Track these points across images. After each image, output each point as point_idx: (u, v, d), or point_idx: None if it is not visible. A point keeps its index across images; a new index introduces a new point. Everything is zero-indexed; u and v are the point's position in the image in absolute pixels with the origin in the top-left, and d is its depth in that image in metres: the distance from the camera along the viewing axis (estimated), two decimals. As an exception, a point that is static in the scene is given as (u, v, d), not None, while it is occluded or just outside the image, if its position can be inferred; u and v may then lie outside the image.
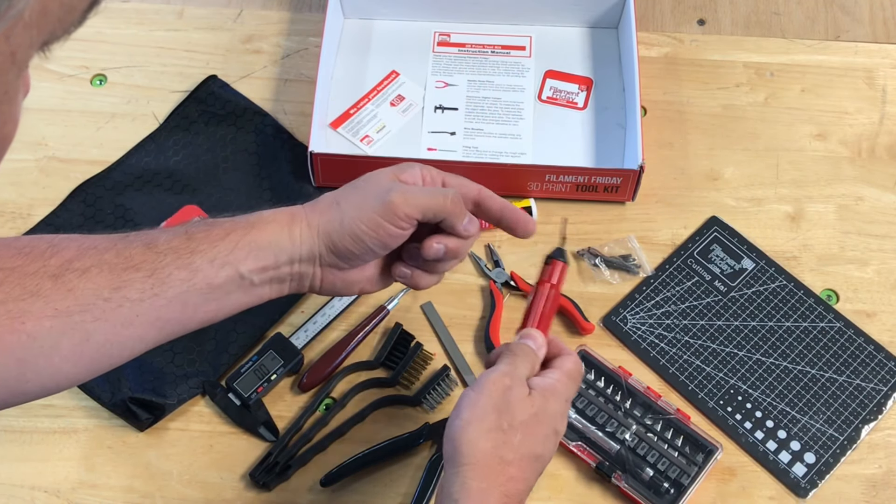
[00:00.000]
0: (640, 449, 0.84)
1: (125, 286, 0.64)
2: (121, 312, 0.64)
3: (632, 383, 0.87)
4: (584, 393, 0.86)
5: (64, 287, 0.62)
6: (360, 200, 0.69)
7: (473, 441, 0.65)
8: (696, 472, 0.83)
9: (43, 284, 0.62)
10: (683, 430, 0.85)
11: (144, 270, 0.65)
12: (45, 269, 0.62)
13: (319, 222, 0.70)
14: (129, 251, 0.65)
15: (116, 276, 0.64)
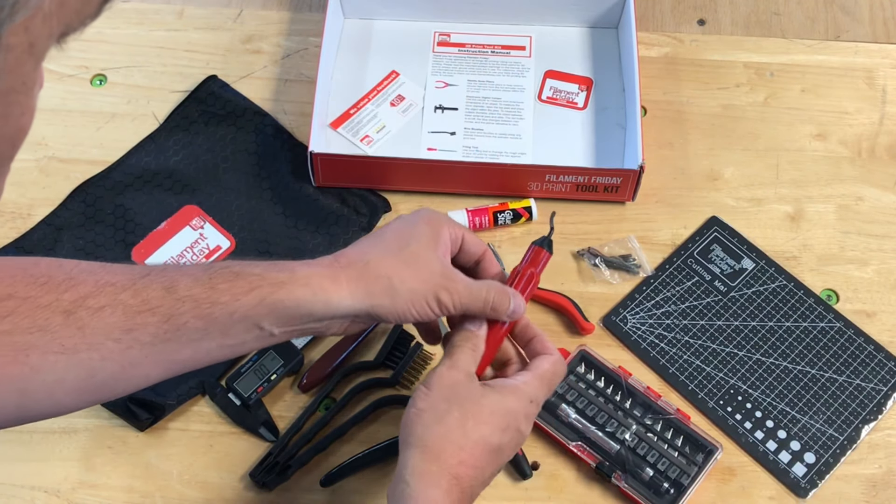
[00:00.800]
0: (640, 449, 0.84)
1: (138, 329, 0.63)
2: (130, 353, 0.63)
3: (632, 383, 0.87)
4: (584, 393, 0.86)
5: (74, 324, 0.61)
6: (414, 285, 0.68)
7: (426, 425, 0.66)
8: (696, 472, 0.83)
9: (53, 319, 0.61)
10: (683, 430, 0.85)
11: (160, 315, 0.63)
12: (58, 304, 0.61)
13: (367, 294, 0.67)
14: (147, 293, 0.63)
15: (130, 318, 0.62)
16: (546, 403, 0.85)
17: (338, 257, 0.68)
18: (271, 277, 0.65)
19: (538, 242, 0.76)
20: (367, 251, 0.69)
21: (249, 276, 0.65)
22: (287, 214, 0.97)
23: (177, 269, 0.66)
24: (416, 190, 0.99)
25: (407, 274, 0.68)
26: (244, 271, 0.65)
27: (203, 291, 0.64)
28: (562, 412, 0.86)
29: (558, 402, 0.86)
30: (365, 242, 0.71)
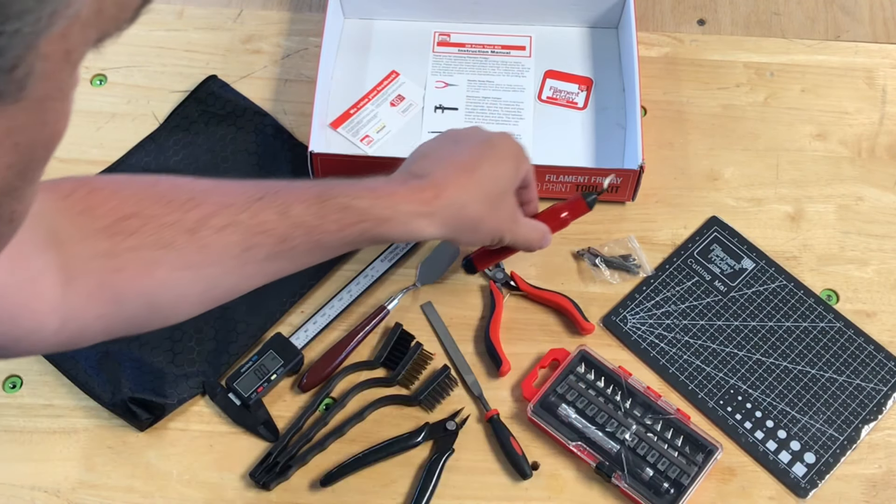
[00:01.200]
0: (640, 449, 0.84)
1: (255, 248, 0.68)
2: (246, 269, 0.69)
3: (632, 383, 0.87)
4: (584, 393, 0.87)
5: (198, 242, 0.66)
6: (492, 226, 0.79)
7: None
8: (696, 472, 0.83)
9: (178, 238, 0.65)
10: (683, 430, 0.85)
11: (275, 237, 0.69)
12: (183, 223, 0.65)
13: (454, 230, 0.77)
14: (264, 215, 0.68)
15: (248, 237, 0.68)
16: (546, 404, 0.85)
17: (439, 190, 0.74)
18: (376, 214, 0.72)
19: (584, 194, 0.86)
20: (466, 189, 0.76)
21: (357, 210, 0.71)
22: (287, 214, 0.97)
23: (287, 191, 0.70)
24: (416, 190, 0.99)
25: (491, 218, 0.78)
26: (352, 205, 0.71)
27: (314, 220, 0.70)
28: (562, 412, 0.86)
29: (558, 402, 0.86)
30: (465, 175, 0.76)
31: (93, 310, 0.65)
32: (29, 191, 0.36)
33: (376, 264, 0.94)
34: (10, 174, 0.33)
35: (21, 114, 0.31)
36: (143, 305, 0.67)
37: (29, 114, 0.32)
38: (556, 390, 0.87)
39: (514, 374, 0.89)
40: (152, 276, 0.65)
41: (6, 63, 0.28)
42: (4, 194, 0.34)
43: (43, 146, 0.34)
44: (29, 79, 0.30)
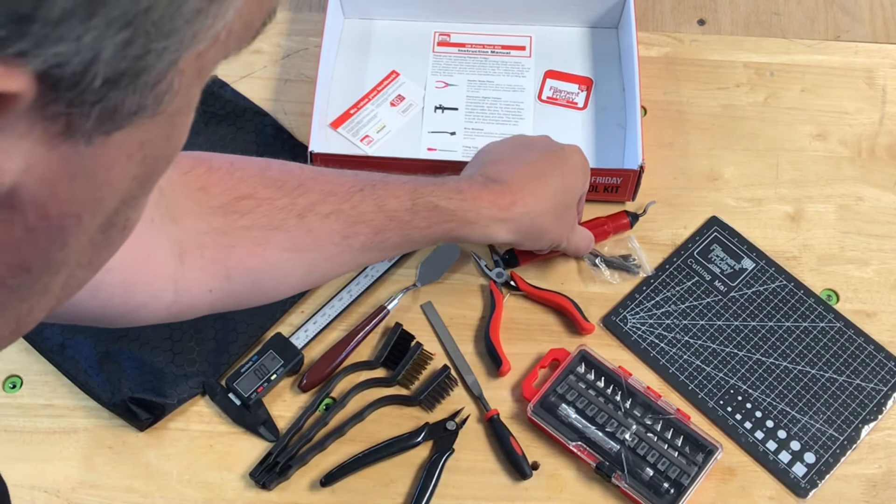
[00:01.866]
0: (640, 449, 0.84)
1: (353, 237, 0.74)
2: (343, 257, 0.75)
3: (632, 383, 0.87)
4: (584, 393, 0.86)
5: (305, 227, 0.71)
6: (555, 235, 0.84)
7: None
8: (696, 472, 0.83)
9: (288, 220, 0.71)
10: (683, 430, 0.85)
11: (372, 228, 0.74)
12: (293, 207, 0.71)
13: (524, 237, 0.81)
14: (363, 206, 0.74)
15: (349, 226, 0.73)
16: (546, 404, 0.85)
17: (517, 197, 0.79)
18: (462, 216, 0.77)
19: (629, 212, 0.95)
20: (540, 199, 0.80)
21: (446, 211, 0.77)
22: (287, 214, 0.97)
23: (384, 186, 0.76)
24: (416, 190, 0.99)
25: (556, 227, 0.83)
26: (441, 205, 0.77)
27: (407, 215, 0.75)
28: (562, 412, 0.86)
29: (558, 402, 0.86)
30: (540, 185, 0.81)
31: (205, 283, 0.69)
32: (144, 200, 0.38)
33: (376, 264, 0.94)
34: (135, 185, 0.34)
35: (154, 127, 0.33)
36: (251, 282, 0.71)
37: (160, 127, 0.33)
38: (556, 390, 0.87)
39: (514, 374, 0.89)
40: (262, 255, 0.70)
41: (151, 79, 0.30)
42: (125, 204, 0.35)
43: (165, 159, 0.36)
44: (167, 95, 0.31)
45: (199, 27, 0.30)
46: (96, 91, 0.28)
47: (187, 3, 0.28)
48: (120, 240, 0.38)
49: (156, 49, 0.29)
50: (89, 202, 0.32)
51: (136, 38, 0.28)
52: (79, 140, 0.30)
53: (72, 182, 0.31)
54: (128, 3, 0.27)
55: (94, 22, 0.27)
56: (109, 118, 0.30)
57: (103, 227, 0.35)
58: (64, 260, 0.34)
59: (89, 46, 0.27)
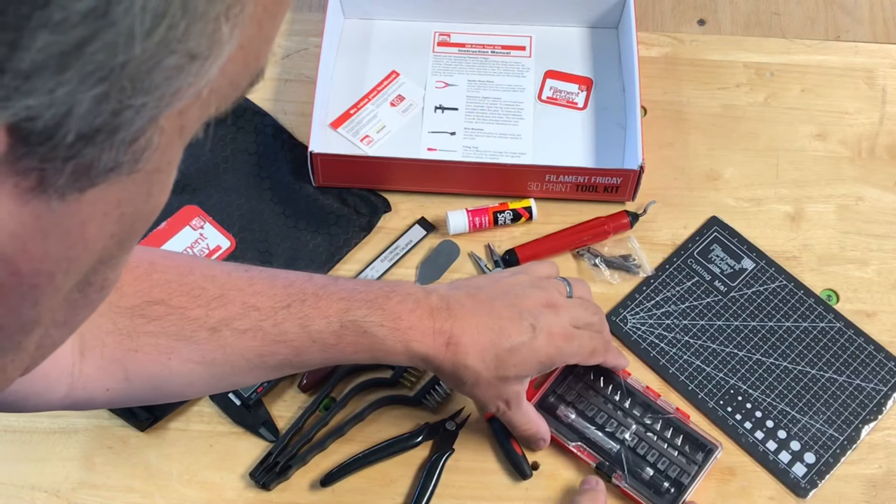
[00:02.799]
0: (640, 448, 0.84)
1: (270, 356, 0.70)
2: (256, 372, 0.72)
3: (631, 383, 0.87)
4: (584, 393, 0.86)
5: (217, 341, 0.68)
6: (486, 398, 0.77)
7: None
8: (696, 472, 0.83)
9: (199, 333, 0.67)
10: (683, 430, 0.85)
11: (292, 348, 0.70)
12: (207, 320, 0.67)
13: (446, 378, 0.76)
14: (286, 325, 0.69)
15: (267, 345, 0.69)
16: (545, 404, 0.85)
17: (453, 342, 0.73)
18: (389, 346, 0.72)
19: (629, 212, 0.95)
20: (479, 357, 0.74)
21: (373, 338, 0.72)
22: (287, 214, 0.97)
23: (314, 303, 0.71)
24: (416, 190, 0.99)
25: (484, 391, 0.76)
26: (370, 331, 0.71)
27: (332, 339, 0.71)
28: (561, 413, 0.85)
29: (557, 402, 0.86)
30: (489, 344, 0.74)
31: (102, 382, 0.66)
32: (123, 260, 0.36)
33: (376, 264, 0.95)
34: (112, 243, 0.33)
35: (131, 185, 0.32)
36: (151, 387, 0.69)
37: (138, 185, 0.32)
38: (556, 391, 0.86)
39: (514, 374, 0.89)
40: (165, 363, 0.67)
41: (129, 135, 0.29)
42: (102, 263, 0.34)
43: (144, 218, 0.35)
44: (146, 152, 0.31)
45: (181, 84, 0.29)
46: (70, 146, 0.27)
47: (167, 59, 0.27)
48: (98, 299, 0.36)
49: (133, 105, 0.28)
50: (63, 260, 0.31)
51: (112, 93, 0.27)
52: (52, 196, 0.29)
53: (44, 239, 0.30)
54: (103, 57, 0.26)
55: (68, 76, 0.26)
56: (84, 174, 0.29)
57: (80, 286, 0.34)
58: (37, 318, 0.33)
59: (62, 101, 0.26)
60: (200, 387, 0.72)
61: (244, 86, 0.34)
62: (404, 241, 0.96)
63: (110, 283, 0.36)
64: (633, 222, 0.96)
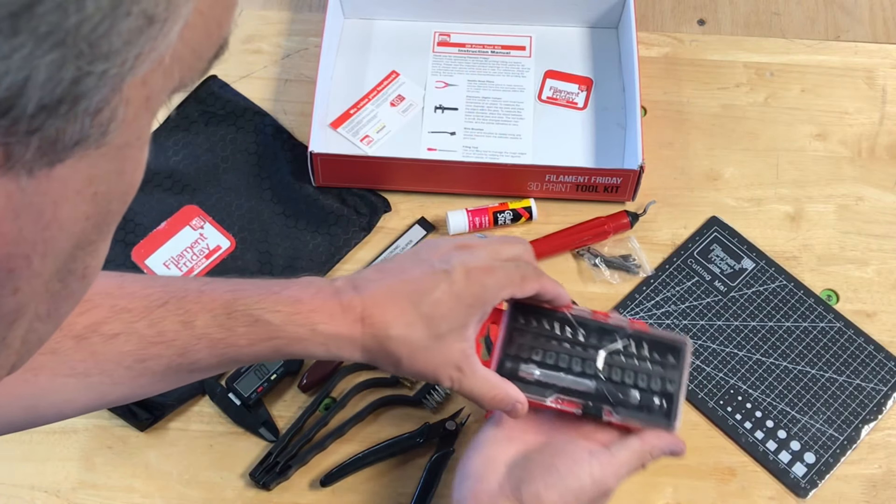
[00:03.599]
0: (615, 375, 0.76)
1: (151, 359, 0.64)
2: (140, 380, 0.65)
3: (577, 313, 0.78)
4: (536, 344, 0.77)
5: (86, 350, 0.62)
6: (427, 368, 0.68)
7: None
8: (679, 374, 0.76)
9: (65, 343, 0.61)
10: (646, 339, 0.77)
11: (175, 349, 0.64)
12: (71, 328, 0.61)
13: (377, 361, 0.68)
14: (163, 325, 0.63)
15: (144, 348, 0.63)
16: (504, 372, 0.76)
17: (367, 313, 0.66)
18: (290, 332, 0.65)
19: (629, 212, 0.94)
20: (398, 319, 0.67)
21: (269, 326, 0.65)
22: (287, 214, 0.97)
23: (196, 297, 0.65)
24: (416, 190, 0.99)
25: (420, 358, 0.67)
26: (263, 318, 0.65)
27: (220, 332, 0.64)
28: (524, 374, 0.75)
29: (515, 364, 0.76)
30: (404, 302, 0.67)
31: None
32: (103, 246, 0.35)
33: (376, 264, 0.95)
34: (88, 226, 0.33)
35: (102, 161, 0.31)
36: (22, 409, 0.63)
37: (109, 161, 0.32)
38: (508, 354, 0.76)
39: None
40: (33, 381, 0.61)
41: (92, 105, 0.28)
42: (80, 248, 0.33)
43: (119, 197, 0.34)
44: (112, 124, 0.30)
45: (140, 49, 0.28)
46: (32, 118, 0.27)
47: (123, 21, 0.27)
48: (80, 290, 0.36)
49: (94, 72, 0.27)
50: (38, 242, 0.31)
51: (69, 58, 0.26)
52: (20, 172, 0.28)
53: (16, 219, 0.29)
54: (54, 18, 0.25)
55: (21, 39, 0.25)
56: (50, 149, 0.28)
57: (60, 274, 0.33)
58: (18, 308, 0.32)
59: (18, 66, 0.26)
60: (81, 403, 0.64)
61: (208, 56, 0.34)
62: (404, 241, 0.96)
63: (91, 272, 0.36)
64: (633, 222, 0.96)
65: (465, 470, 0.70)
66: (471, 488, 0.68)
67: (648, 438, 0.71)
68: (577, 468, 0.67)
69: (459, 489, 0.69)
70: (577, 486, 0.67)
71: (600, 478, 0.67)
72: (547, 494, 0.66)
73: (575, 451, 0.69)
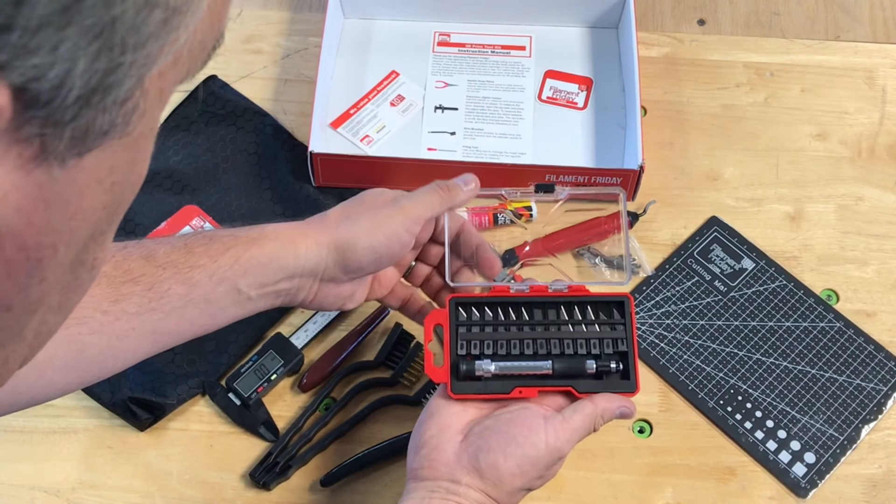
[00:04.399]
0: (569, 348, 0.75)
1: (123, 299, 0.64)
2: (117, 325, 0.64)
3: (514, 293, 0.76)
4: (484, 337, 0.75)
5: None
6: (374, 214, 0.72)
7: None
8: (626, 330, 0.75)
9: None
10: (589, 302, 0.76)
11: (143, 284, 0.65)
12: None
13: (331, 238, 0.71)
14: (128, 263, 0.65)
15: (115, 288, 0.64)
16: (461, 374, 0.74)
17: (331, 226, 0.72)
18: (243, 236, 0.69)
19: (630, 212, 0.92)
20: (323, 213, 0.74)
21: (223, 238, 0.68)
22: (287, 214, 0.97)
23: (152, 241, 0.68)
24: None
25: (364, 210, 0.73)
26: (217, 234, 0.69)
27: (181, 256, 0.66)
28: (480, 370, 0.73)
29: (470, 366, 0.73)
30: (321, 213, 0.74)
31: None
32: (110, 237, 0.36)
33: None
34: (104, 216, 0.33)
35: (121, 151, 0.32)
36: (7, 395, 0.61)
37: (127, 151, 0.32)
38: (459, 354, 0.74)
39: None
40: None
41: (121, 96, 0.29)
42: (93, 239, 0.34)
43: (130, 188, 0.35)
44: (135, 114, 0.31)
45: (164, 41, 0.29)
46: (69, 108, 0.28)
47: (153, 13, 0.28)
48: (88, 280, 0.36)
49: (125, 63, 0.28)
50: (65, 232, 0.31)
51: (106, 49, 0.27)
52: (52, 164, 0.29)
53: (47, 210, 0.30)
54: (100, 10, 0.26)
55: (69, 31, 0.26)
56: (81, 139, 0.29)
57: (73, 265, 0.34)
58: (42, 297, 0.33)
59: (65, 57, 0.27)
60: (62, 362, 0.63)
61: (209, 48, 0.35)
62: (404, 241, 0.96)
63: (99, 263, 0.36)
64: (633, 222, 0.96)
65: (420, 438, 0.71)
66: (427, 456, 0.69)
67: (599, 401, 0.71)
68: (534, 436, 0.68)
69: (415, 457, 0.70)
70: (534, 454, 0.68)
71: (555, 444, 0.69)
72: (505, 464, 0.67)
73: (529, 418, 0.70)
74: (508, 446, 0.68)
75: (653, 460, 0.86)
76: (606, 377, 0.74)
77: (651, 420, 0.88)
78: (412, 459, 0.70)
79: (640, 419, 0.88)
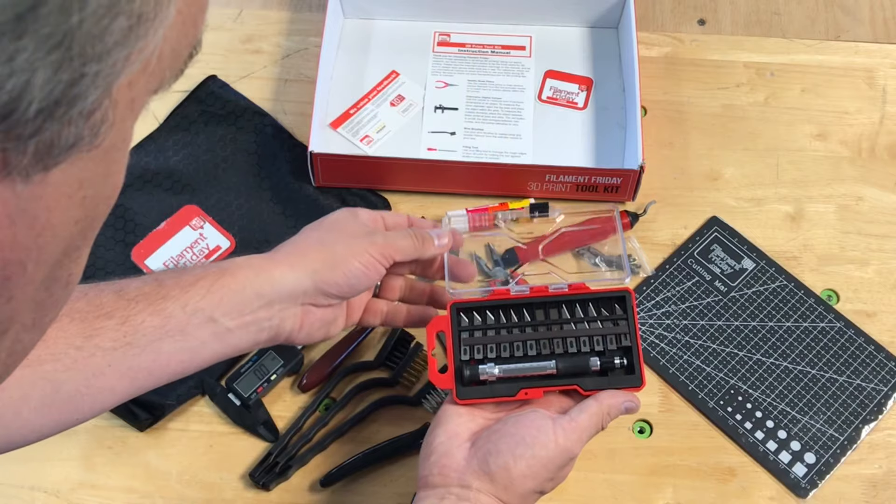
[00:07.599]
0: (572, 347, 0.75)
1: (97, 334, 0.63)
2: (92, 362, 0.63)
3: (515, 296, 0.76)
4: (486, 340, 0.75)
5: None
6: (349, 242, 0.72)
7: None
8: (629, 325, 0.75)
9: None
10: (590, 299, 0.76)
11: (117, 318, 0.64)
12: None
13: (307, 261, 0.71)
14: (100, 299, 0.64)
15: (88, 324, 0.63)
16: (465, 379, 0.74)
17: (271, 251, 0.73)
18: (214, 268, 0.69)
19: (630, 212, 0.93)
20: (292, 241, 0.73)
21: (193, 270, 0.68)
22: (287, 214, 0.97)
23: (123, 279, 0.67)
24: (415, 190, 0.99)
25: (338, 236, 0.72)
26: (187, 268, 0.69)
27: (152, 289, 0.66)
28: (484, 374, 0.73)
29: (474, 371, 0.73)
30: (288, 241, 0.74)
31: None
32: (85, 253, 0.35)
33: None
34: (76, 231, 0.33)
35: (91, 164, 0.31)
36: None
37: (97, 164, 0.32)
38: (462, 360, 0.75)
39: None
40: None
41: (86, 108, 0.29)
42: (66, 255, 0.33)
43: (104, 201, 0.34)
44: (103, 126, 0.30)
45: (130, 49, 0.29)
46: (30, 122, 0.27)
47: (116, 20, 0.27)
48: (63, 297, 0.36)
49: (88, 73, 0.28)
50: (33, 249, 0.30)
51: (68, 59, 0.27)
52: (16, 179, 0.28)
53: (11, 226, 0.29)
54: (57, 19, 0.26)
55: (25, 41, 0.25)
56: (46, 152, 0.28)
57: (46, 282, 0.33)
58: (11, 316, 0.32)
59: (22, 68, 0.26)
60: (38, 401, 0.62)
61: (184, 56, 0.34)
62: (404, 241, 0.96)
63: (74, 280, 0.35)
64: (633, 222, 0.96)
65: (429, 446, 0.70)
66: (437, 463, 0.68)
67: (604, 399, 0.71)
68: (542, 436, 0.68)
69: (425, 465, 0.69)
70: (544, 454, 0.68)
71: (565, 444, 0.68)
72: (515, 466, 0.67)
73: (537, 420, 0.70)
74: (517, 448, 0.68)
75: (653, 460, 0.86)
76: (611, 373, 0.74)
77: (651, 420, 0.88)
78: (422, 467, 0.70)
79: (641, 419, 0.88)
